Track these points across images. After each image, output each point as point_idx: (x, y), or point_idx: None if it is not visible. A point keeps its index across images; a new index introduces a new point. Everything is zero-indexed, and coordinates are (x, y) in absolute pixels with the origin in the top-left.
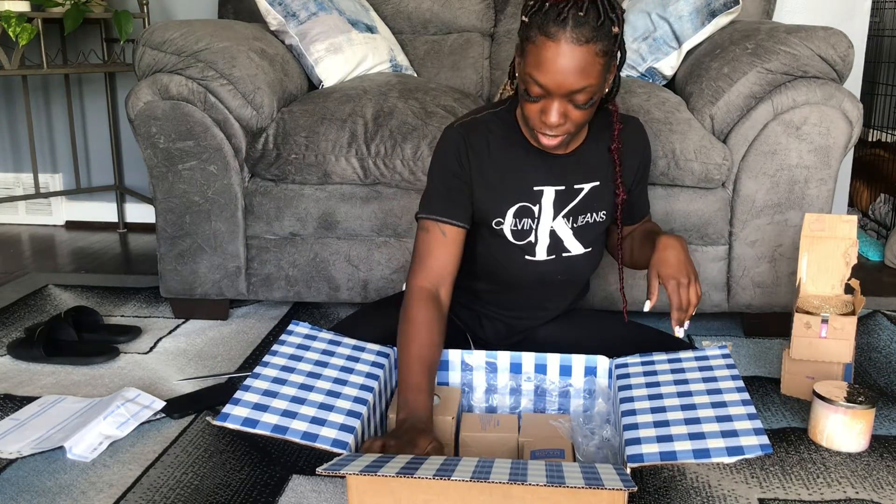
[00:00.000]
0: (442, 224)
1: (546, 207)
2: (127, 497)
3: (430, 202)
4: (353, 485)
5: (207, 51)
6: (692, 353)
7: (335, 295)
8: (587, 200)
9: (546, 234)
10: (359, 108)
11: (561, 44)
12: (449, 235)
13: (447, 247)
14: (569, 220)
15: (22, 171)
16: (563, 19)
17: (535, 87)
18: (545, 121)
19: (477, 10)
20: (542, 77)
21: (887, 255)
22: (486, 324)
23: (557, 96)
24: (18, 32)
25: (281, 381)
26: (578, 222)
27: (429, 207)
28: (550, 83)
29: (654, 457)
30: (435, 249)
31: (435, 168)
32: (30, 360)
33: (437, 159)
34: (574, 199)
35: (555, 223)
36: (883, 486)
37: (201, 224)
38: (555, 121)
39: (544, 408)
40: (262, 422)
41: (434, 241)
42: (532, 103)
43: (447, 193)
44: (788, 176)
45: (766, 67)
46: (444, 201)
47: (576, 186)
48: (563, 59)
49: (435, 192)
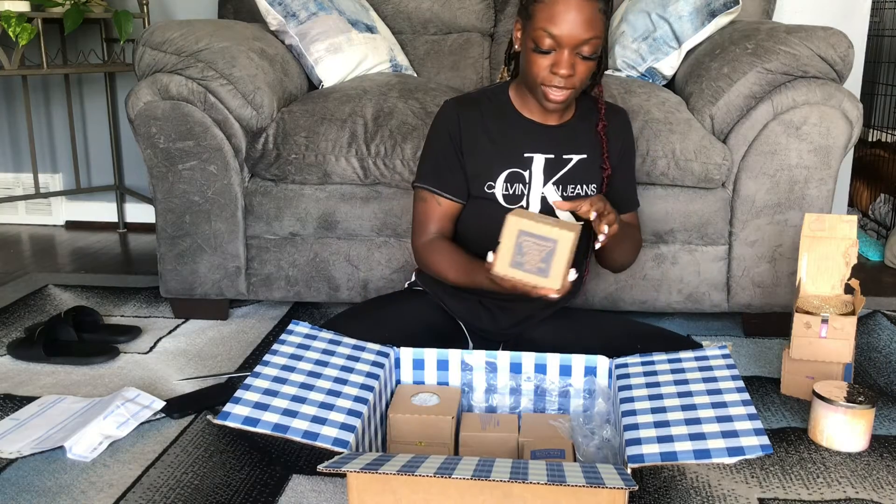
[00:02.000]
0: (437, 196)
1: (536, 173)
2: (127, 497)
3: (426, 173)
4: (354, 483)
5: (207, 51)
6: (692, 353)
7: (335, 295)
8: (575, 171)
9: (538, 199)
10: (359, 108)
11: None
12: (444, 206)
13: (444, 216)
14: (559, 187)
15: (22, 171)
16: None
17: (548, 39)
18: (556, 72)
19: (477, 10)
20: (556, 28)
21: (887, 255)
22: (483, 313)
23: (568, 48)
24: (18, 32)
25: (281, 381)
26: (568, 192)
27: (426, 178)
28: (563, 33)
29: (655, 457)
30: (433, 215)
31: (432, 140)
32: (30, 360)
33: (434, 132)
34: (563, 167)
35: (545, 189)
36: (883, 486)
37: (201, 224)
38: (566, 71)
39: (544, 408)
40: (263, 421)
41: (431, 210)
42: (542, 56)
43: (444, 165)
44: (788, 176)
45: (766, 67)
46: (440, 173)
47: (564, 156)
48: (575, 11)
49: (432, 163)
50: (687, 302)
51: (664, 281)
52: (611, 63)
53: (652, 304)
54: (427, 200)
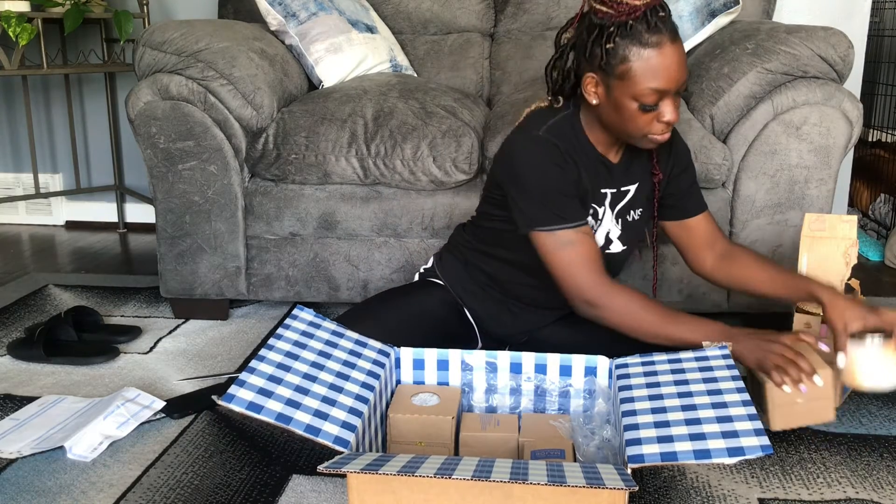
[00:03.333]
0: (569, 230)
1: (607, 208)
2: (127, 497)
3: (554, 213)
4: (354, 483)
5: (207, 51)
6: (692, 354)
7: (335, 295)
8: (632, 200)
9: (604, 234)
10: (359, 108)
11: (666, 46)
12: (587, 233)
13: (592, 241)
14: (618, 221)
15: (22, 171)
16: (655, 26)
17: (653, 95)
18: (669, 120)
19: (477, 10)
20: (663, 83)
21: (887, 255)
22: (505, 316)
23: (672, 93)
24: (18, 32)
25: (285, 368)
26: (625, 221)
27: (559, 218)
28: (670, 84)
29: (655, 457)
30: (593, 247)
31: (539, 178)
32: (30, 360)
33: (539, 168)
34: (623, 199)
35: (610, 223)
36: (883, 486)
37: (201, 224)
38: (675, 117)
39: (544, 408)
40: (267, 408)
41: (585, 244)
42: (648, 112)
43: (569, 195)
44: (788, 176)
45: (766, 67)
46: (567, 205)
47: (622, 189)
48: (674, 58)
49: (548, 202)
50: (687, 302)
51: (664, 281)
52: None
53: None
54: (575, 239)
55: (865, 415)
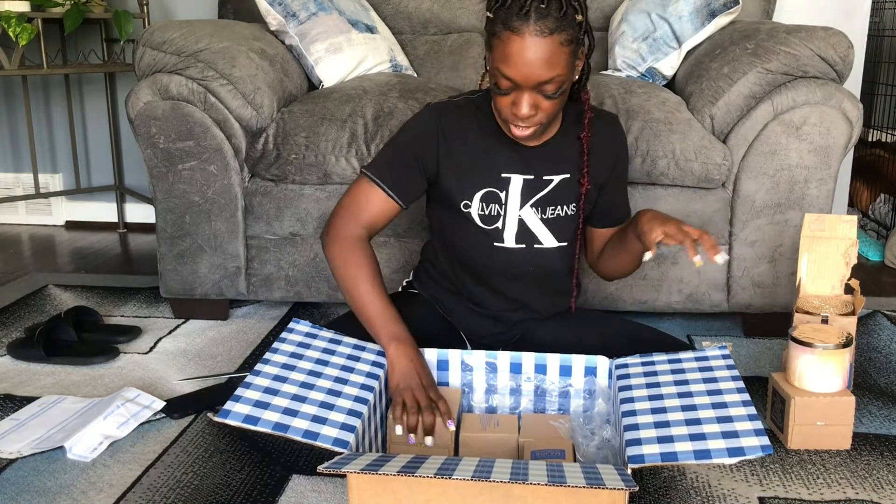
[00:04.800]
0: (383, 190)
1: (513, 195)
2: (127, 497)
3: (381, 165)
4: (354, 484)
5: (207, 51)
6: (692, 354)
7: (335, 295)
8: (556, 192)
9: (514, 221)
10: (359, 109)
11: (525, 37)
12: (385, 204)
13: (380, 214)
14: (538, 210)
15: (22, 171)
16: (525, 13)
17: (504, 80)
18: (516, 112)
19: (477, 10)
20: (510, 71)
21: (887, 255)
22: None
23: (526, 88)
24: (18, 32)
25: (282, 379)
26: (548, 214)
27: (379, 170)
28: (518, 76)
29: (655, 457)
30: (371, 208)
31: (401, 137)
32: (30, 360)
33: (406, 131)
34: (542, 189)
35: (522, 212)
36: (883, 486)
37: (201, 224)
38: (525, 112)
39: (544, 408)
40: (264, 419)
41: (371, 202)
42: (502, 96)
43: (402, 165)
44: (788, 176)
45: (766, 67)
46: (394, 172)
47: (545, 177)
48: (529, 52)
49: (390, 159)
50: (687, 302)
51: (664, 281)
52: (611, 63)
53: (652, 304)
54: (370, 191)
55: (865, 415)
